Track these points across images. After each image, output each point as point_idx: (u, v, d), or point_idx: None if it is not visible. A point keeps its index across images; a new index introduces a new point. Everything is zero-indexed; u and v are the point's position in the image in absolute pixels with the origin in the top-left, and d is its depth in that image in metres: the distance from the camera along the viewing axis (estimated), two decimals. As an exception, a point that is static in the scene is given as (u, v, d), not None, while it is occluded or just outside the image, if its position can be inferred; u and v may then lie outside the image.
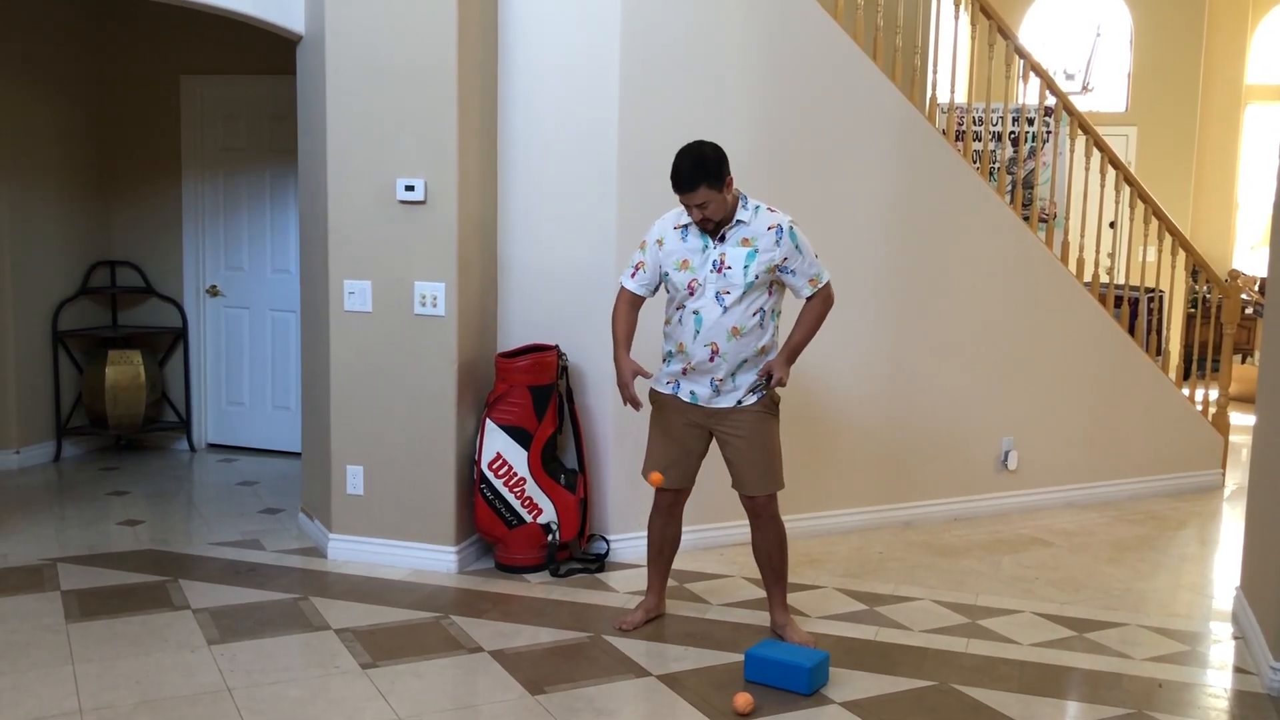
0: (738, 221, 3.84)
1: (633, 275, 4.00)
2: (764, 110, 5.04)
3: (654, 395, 4.08)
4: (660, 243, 3.95)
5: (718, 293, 3.82)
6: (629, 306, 4.02)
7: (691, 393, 3.94)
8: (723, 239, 3.83)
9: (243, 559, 4.86)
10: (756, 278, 3.80)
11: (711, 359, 3.86)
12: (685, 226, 3.90)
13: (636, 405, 3.98)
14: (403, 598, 4.42)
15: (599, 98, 4.75)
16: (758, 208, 3.87)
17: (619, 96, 4.74)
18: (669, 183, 4.32)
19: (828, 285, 3.95)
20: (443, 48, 4.49)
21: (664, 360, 4.02)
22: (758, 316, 3.85)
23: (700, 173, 3.71)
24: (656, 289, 4.02)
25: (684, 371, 3.93)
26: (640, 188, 4.75)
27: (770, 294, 3.89)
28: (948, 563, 5.04)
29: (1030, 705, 3.60)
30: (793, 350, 3.95)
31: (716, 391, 3.90)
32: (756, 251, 3.80)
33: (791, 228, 3.85)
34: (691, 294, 3.85)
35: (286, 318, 6.62)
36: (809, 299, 3.94)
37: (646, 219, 4.24)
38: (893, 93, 5.36)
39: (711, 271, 3.83)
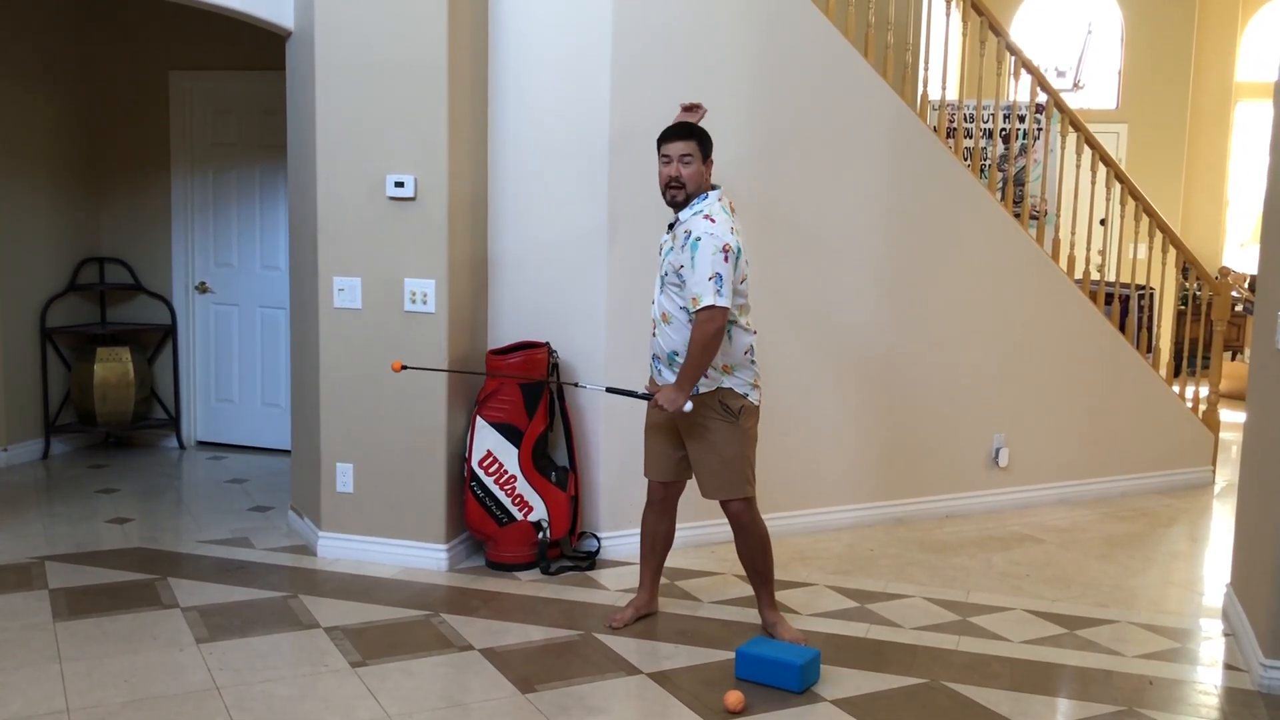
0: (677, 218, 3.92)
1: None
2: (755, 106, 5.03)
3: (649, 385, 4.10)
4: None
5: (659, 277, 3.95)
6: None
7: (659, 371, 4.01)
8: (671, 228, 3.94)
9: (232, 557, 4.84)
10: (665, 275, 3.88)
11: (653, 334, 3.98)
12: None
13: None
14: (393, 595, 4.40)
15: (590, 94, 4.74)
16: (697, 212, 3.82)
17: (610, 93, 4.72)
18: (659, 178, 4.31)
19: (707, 311, 3.67)
20: (433, 43, 4.47)
21: None
22: (685, 313, 3.80)
23: (691, 130, 3.88)
24: None
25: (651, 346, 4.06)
26: (631, 184, 4.74)
27: None
28: (939, 560, 5.04)
29: (1021, 702, 3.60)
30: (680, 376, 3.76)
31: (659, 373, 3.97)
32: (672, 249, 3.88)
33: (698, 239, 3.72)
34: None
35: (276, 314, 6.60)
36: (693, 322, 3.73)
37: (638, 216, 4.24)
38: (884, 89, 5.35)
39: (659, 256, 3.98)
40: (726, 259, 3.71)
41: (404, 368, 4.26)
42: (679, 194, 3.85)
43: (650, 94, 4.78)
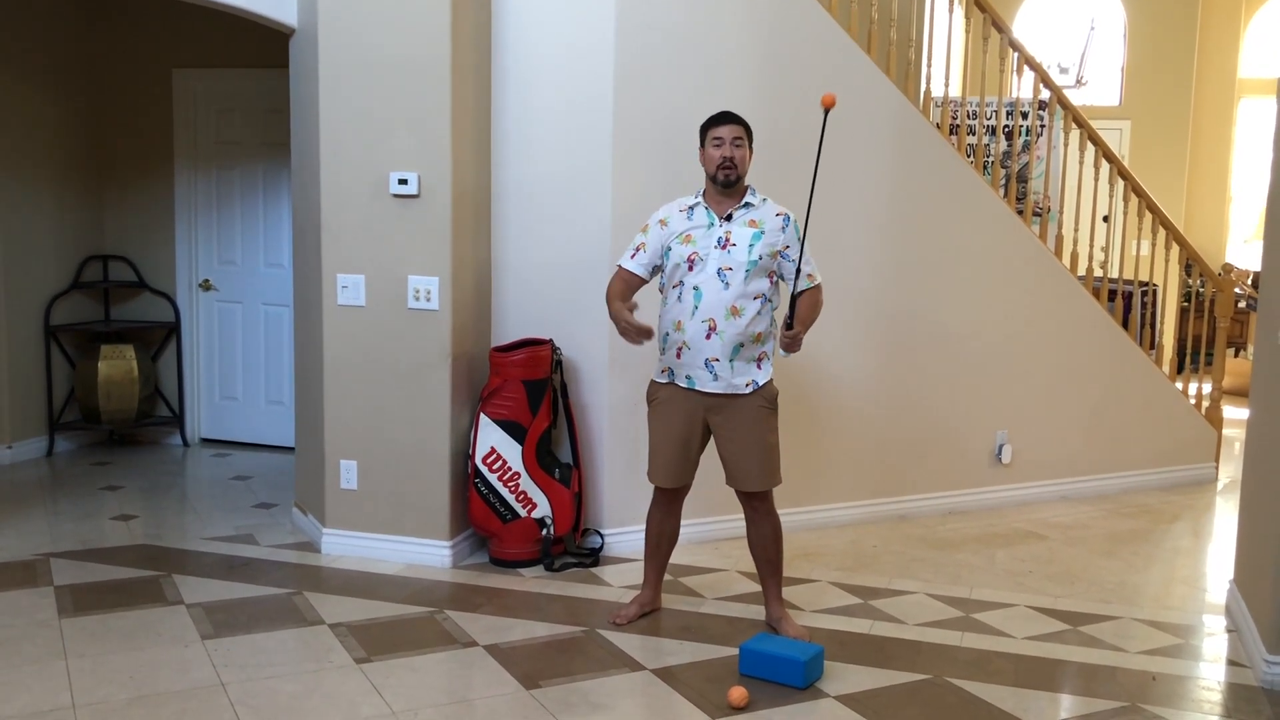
0: (746, 204, 3.91)
1: (632, 256, 4.00)
2: (758, 102, 5.01)
3: (650, 391, 4.07)
4: (664, 222, 3.96)
5: (720, 269, 3.84)
6: (625, 285, 4.00)
7: (688, 378, 3.93)
8: (729, 218, 3.88)
9: (236, 554, 4.85)
10: (760, 258, 3.85)
11: (708, 336, 3.85)
12: (691, 208, 3.95)
13: (642, 330, 3.83)
14: (397, 592, 4.41)
15: (593, 89, 4.74)
16: (765, 199, 3.97)
17: (613, 88, 4.72)
18: (663, 174, 4.31)
19: (819, 288, 4.00)
20: (436, 40, 4.47)
21: (660, 350, 4.01)
22: (758, 302, 3.87)
23: (739, 117, 3.94)
24: (655, 272, 4.01)
25: (679, 354, 3.92)
26: (634, 180, 4.74)
27: (771, 283, 3.92)
28: (942, 556, 5.05)
29: (1025, 699, 3.60)
30: (802, 322, 3.87)
31: (714, 376, 3.89)
32: (763, 233, 3.87)
33: (797, 222, 3.93)
34: (691, 268, 3.87)
35: (280, 312, 6.60)
36: (803, 293, 3.87)
37: (640, 212, 4.23)
38: (887, 86, 5.35)
39: (716, 248, 3.86)
40: None
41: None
42: (732, 173, 3.87)
43: (654, 90, 4.78)
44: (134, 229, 6.78)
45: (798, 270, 3.83)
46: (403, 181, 4.55)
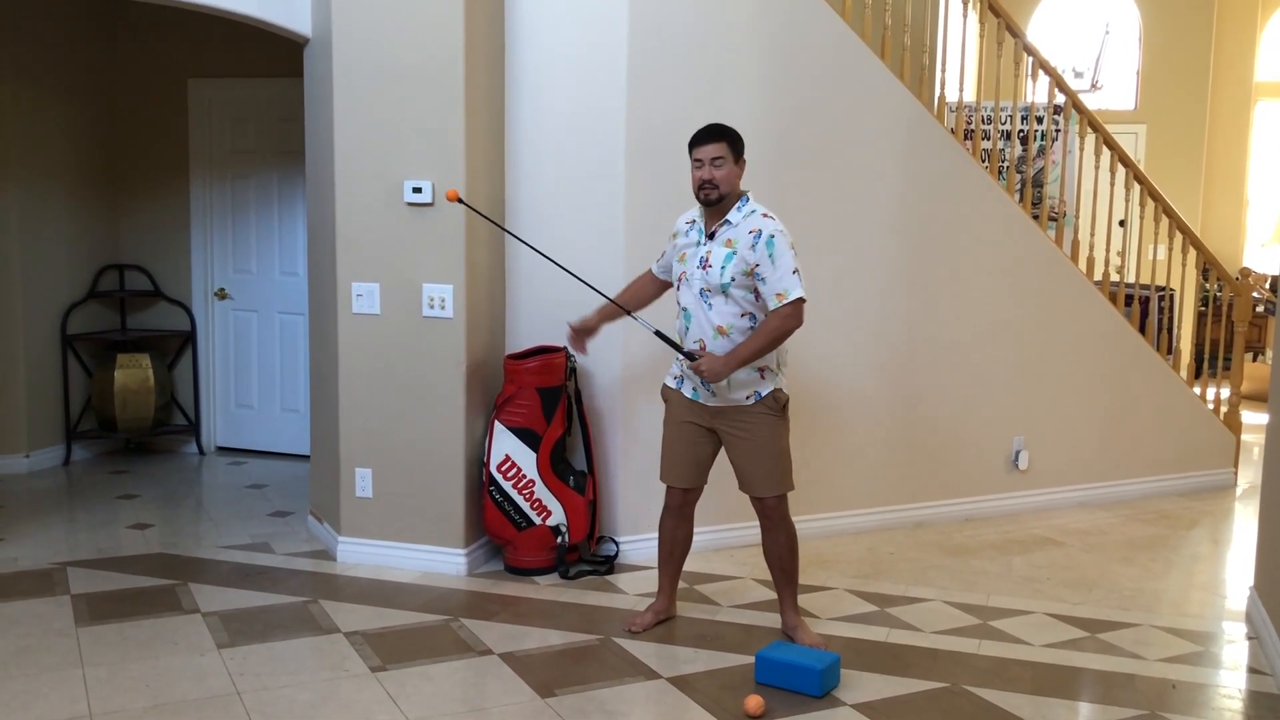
0: (726, 221, 3.86)
1: (658, 260, 4.18)
2: (771, 107, 5.02)
3: (663, 391, 4.11)
4: (674, 236, 4.05)
5: (702, 289, 3.85)
6: (641, 280, 4.24)
7: (694, 389, 3.96)
8: (712, 237, 3.87)
9: (252, 562, 4.86)
10: (733, 279, 3.79)
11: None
12: (692, 223, 3.97)
13: (574, 341, 4.31)
14: (412, 600, 4.41)
15: (606, 96, 4.74)
16: (752, 211, 3.86)
17: (626, 93, 4.73)
18: (676, 181, 4.30)
19: (795, 305, 3.73)
20: (450, 49, 4.48)
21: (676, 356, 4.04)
22: (748, 320, 3.83)
23: (721, 131, 3.84)
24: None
25: (684, 365, 3.97)
26: (647, 187, 4.74)
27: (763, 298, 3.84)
28: (959, 563, 5.02)
29: (1043, 707, 3.58)
30: (734, 354, 3.77)
31: (711, 393, 3.90)
32: (735, 253, 3.81)
33: (771, 237, 3.75)
34: (678, 288, 3.95)
35: (295, 320, 6.62)
36: (772, 312, 3.78)
37: (653, 219, 4.24)
38: (901, 91, 5.34)
39: (698, 268, 3.86)
40: (795, 254, 3.79)
41: (459, 200, 4.16)
42: (713, 193, 3.81)
43: (666, 96, 4.78)
44: (150, 238, 6.81)
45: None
46: (417, 190, 4.55)
